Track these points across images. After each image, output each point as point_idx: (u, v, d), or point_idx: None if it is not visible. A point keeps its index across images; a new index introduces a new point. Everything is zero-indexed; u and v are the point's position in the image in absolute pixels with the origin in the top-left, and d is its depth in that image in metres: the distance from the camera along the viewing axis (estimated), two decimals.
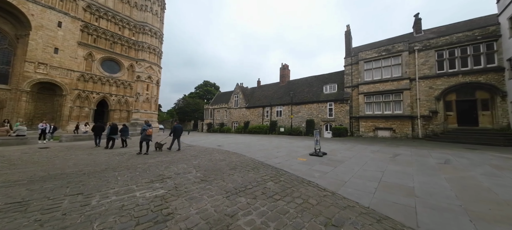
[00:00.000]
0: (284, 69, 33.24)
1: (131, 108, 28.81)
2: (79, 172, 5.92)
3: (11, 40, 22.36)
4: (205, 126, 42.12)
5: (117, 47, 27.89)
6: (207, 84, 66.27)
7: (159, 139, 12.33)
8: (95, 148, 11.38)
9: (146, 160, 7.80)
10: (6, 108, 21.72)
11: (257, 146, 11.91)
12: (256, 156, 8.64)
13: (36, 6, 21.70)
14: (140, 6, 29.74)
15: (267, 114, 30.04)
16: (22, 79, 21.24)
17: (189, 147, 12.32)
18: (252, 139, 16.78)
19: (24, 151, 9.83)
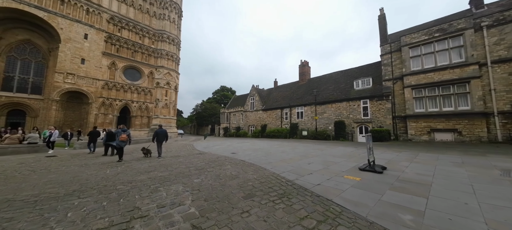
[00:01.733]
0: (303, 66, 29.67)
1: (151, 114, 28.19)
2: (34, 198, 3.95)
3: (44, 53, 23.02)
4: (221, 130, 40.47)
5: (138, 55, 27.64)
6: (223, 89, 65.44)
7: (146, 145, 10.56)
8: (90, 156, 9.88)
9: (135, 176, 5.67)
10: (40, 116, 22.15)
11: (279, 155, 9.25)
12: (280, 170, 6.03)
13: (64, 20, 22.04)
14: (159, 15, 29.41)
15: (286, 116, 26.79)
16: (53, 89, 21.48)
17: (200, 154, 10.15)
18: (271, 145, 14.12)
19: (23, 161, 8.49)
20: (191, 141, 21.14)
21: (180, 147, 14.55)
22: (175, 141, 21.45)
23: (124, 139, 8.50)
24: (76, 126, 23.76)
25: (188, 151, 11.53)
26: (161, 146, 9.46)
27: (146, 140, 19.68)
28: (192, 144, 16.90)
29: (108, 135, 9.85)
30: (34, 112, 21.98)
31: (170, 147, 14.39)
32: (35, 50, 22.47)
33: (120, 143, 8.47)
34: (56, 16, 21.52)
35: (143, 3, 28.67)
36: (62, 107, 22.61)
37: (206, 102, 59.29)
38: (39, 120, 21.88)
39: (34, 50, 22.49)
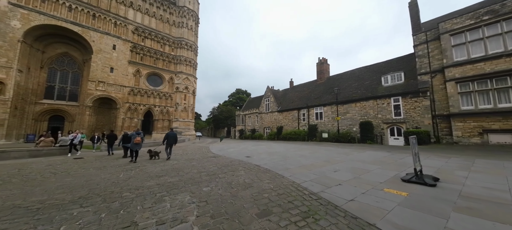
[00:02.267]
0: (321, 64, 27.68)
1: (172, 117, 29.04)
2: (39, 204, 3.70)
3: (80, 64, 25.12)
4: (237, 132, 40.20)
5: (159, 62, 28.82)
6: (239, 92, 65.66)
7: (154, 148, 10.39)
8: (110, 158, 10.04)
9: (144, 182, 5.28)
10: (76, 121, 24.08)
11: (297, 159, 8.29)
12: (300, 178, 5.14)
13: (96, 33, 23.82)
14: (178, 23, 30.45)
15: (303, 117, 25.14)
16: (86, 96, 23.24)
17: (214, 157, 9.66)
18: (288, 148, 13.11)
19: (52, 163, 8.86)
20: (207, 143, 21.07)
21: (196, 149, 14.36)
22: (193, 144, 21.58)
23: (138, 142, 8.72)
24: (107, 129, 25.39)
25: (203, 154, 11.15)
26: (171, 149, 9.50)
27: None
28: (208, 146, 16.68)
29: (123, 137, 9.95)
30: (71, 117, 23.99)
31: (187, 150, 14.27)
32: (72, 61, 24.67)
33: (135, 146, 8.66)
34: (89, 30, 23.36)
35: (164, 13, 29.96)
36: (94, 112, 24.31)
37: (222, 105, 60.03)
38: (75, 124, 23.79)
39: (71, 62, 24.69)
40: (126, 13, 26.57)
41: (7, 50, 18.23)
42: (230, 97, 65.82)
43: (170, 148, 9.42)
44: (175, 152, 12.42)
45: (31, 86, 21.33)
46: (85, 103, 23.17)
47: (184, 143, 21.70)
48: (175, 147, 17.15)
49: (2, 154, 9.37)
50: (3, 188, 4.72)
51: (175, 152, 12.85)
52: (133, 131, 9.44)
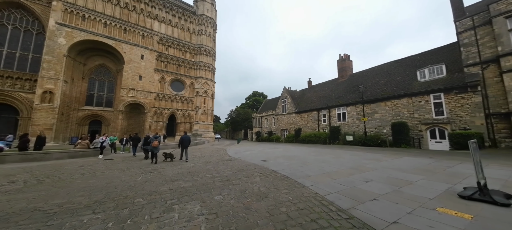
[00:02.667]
0: (343, 61, 25.62)
1: (192, 120, 30.02)
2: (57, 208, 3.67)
3: (114, 74, 27.55)
4: (254, 135, 39.76)
5: (181, 69, 30.16)
6: (255, 94, 65.50)
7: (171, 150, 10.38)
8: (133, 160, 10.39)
9: (159, 186, 5.10)
10: (111, 125, 26.33)
11: (319, 165, 7.43)
12: (325, 189, 4.41)
13: (127, 45, 25.90)
14: (197, 31, 31.59)
15: (323, 119, 23.37)
16: (119, 102, 25.30)
17: (230, 160, 9.32)
18: (308, 152, 12.15)
19: (84, 164, 9.48)
20: (225, 146, 21.05)
21: (214, 151, 14.30)
22: (212, 146, 21.78)
23: (155, 145, 9.05)
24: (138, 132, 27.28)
25: (219, 157, 10.93)
26: (186, 151, 9.65)
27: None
28: (225, 149, 16.55)
29: (145, 140, 10.30)
30: (107, 121, 26.33)
31: (205, 152, 14.29)
32: (107, 71, 27.20)
33: (153, 149, 9.04)
34: (121, 43, 25.51)
35: (185, 23, 31.39)
36: (126, 117, 26.31)
37: (240, 107, 60.51)
38: (110, 128, 26.02)
39: (107, 72, 27.23)
40: (152, 25, 28.44)
41: (55, 64, 20.76)
42: (247, 99, 66.12)
43: (186, 151, 9.56)
44: (194, 154, 12.48)
45: (75, 95, 23.99)
46: (118, 109, 25.22)
47: (204, 145, 22.04)
48: (195, 149, 17.54)
49: (46, 155, 10.40)
50: (35, 189, 4.96)
51: (194, 154, 12.93)
52: (152, 135, 9.84)
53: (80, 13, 22.93)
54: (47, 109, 20.15)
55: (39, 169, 7.82)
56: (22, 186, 5.21)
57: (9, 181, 5.76)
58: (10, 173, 6.94)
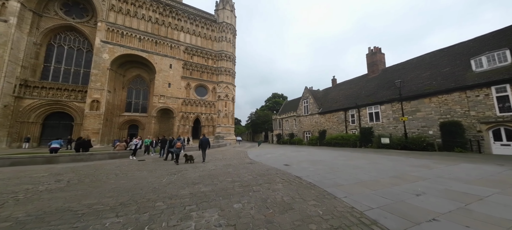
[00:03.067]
0: (373, 55, 22.86)
1: (215, 123, 30.85)
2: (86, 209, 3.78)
3: (148, 82, 30.12)
4: (274, 137, 38.70)
5: (204, 75, 31.42)
6: (275, 96, 64.37)
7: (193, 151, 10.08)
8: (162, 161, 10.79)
9: (180, 190, 4.99)
10: (145, 129, 28.72)
11: (352, 172, 6.49)
12: (363, 202, 3.67)
13: (157, 56, 28.08)
14: (218, 38, 32.61)
15: (352, 119, 21.13)
16: (152, 108, 27.49)
17: (250, 164, 8.96)
18: (335, 156, 11.00)
19: (120, 164, 10.25)
20: (246, 148, 20.89)
21: (235, 154, 14.17)
22: (233, 148, 21.87)
23: (178, 147, 9.70)
24: (167, 135, 29.23)
25: (240, 159, 10.67)
26: (205, 152, 10.27)
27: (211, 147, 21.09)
28: (246, 151, 16.31)
29: (169, 143, 10.82)
30: (142, 125, 28.83)
31: (227, 154, 14.26)
32: (142, 81, 29.90)
33: (176, 150, 9.68)
34: (153, 55, 27.79)
35: (207, 31, 32.75)
36: (158, 121, 28.41)
37: (259, 110, 60.18)
38: (145, 131, 28.40)
39: (142, 81, 29.94)
40: (178, 36, 30.36)
41: (101, 76, 23.59)
42: (267, 101, 65.54)
43: (204, 152, 10.25)
44: (216, 157, 12.52)
45: (116, 102, 26.89)
46: (151, 114, 27.41)
47: (225, 148, 22.27)
48: (217, 151, 17.79)
49: (91, 156, 11.61)
50: (74, 188, 5.34)
51: (216, 156, 12.99)
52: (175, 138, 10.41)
53: (119, 31, 25.74)
54: (95, 115, 22.94)
55: (83, 169, 8.63)
56: (65, 185, 5.68)
57: (57, 179, 6.39)
58: (60, 172, 7.77)
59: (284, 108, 41.47)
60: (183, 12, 31.05)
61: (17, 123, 20.42)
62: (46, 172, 7.81)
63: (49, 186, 5.55)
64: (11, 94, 19.85)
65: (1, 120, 18.74)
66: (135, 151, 13.17)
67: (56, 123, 23.46)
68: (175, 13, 30.40)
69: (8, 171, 7.83)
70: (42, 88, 22.21)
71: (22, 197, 4.43)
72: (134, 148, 12.41)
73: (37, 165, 9.50)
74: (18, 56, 20.45)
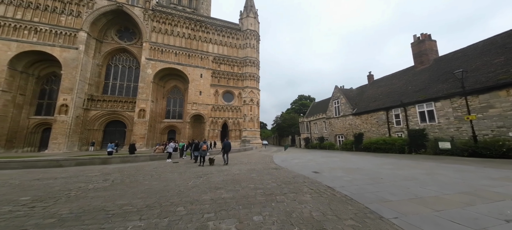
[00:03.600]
0: (421, 43, 18.93)
1: (241, 127, 31.24)
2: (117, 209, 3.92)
3: (183, 92, 32.84)
4: (302, 141, 36.51)
5: (230, 81, 32.45)
6: (301, 98, 61.40)
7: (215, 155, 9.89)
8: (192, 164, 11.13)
9: (202, 194, 4.84)
10: (181, 133, 31.18)
11: (401, 185, 5.21)
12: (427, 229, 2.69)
13: (190, 67, 30.40)
14: (243, 45, 33.36)
15: (396, 120, 17.75)
16: (186, 114, 29.74)
17: (275, 169, 8.36)
18: (377, 164, 9.33)
19: (157, 166, 11.08)
20: (272, 152, 20.23)
21: (260, 158, 13.75)
22: (259, 152, 21.51)
23: (204, 149, 10.33)
24: (199, 139, 31.08)
25: (265, 164, 10.18)
26: (227, 155, 10.73)
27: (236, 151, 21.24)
28: (271, 155, 15.69)
29: (195, 146, 11.36)
30: (179, 130, 31.40)
31: (252, 158, 13.97)
32: (178, 91, 32.81)
33: (202, 152, 10.39)
34: (186, 66, 30.24)
35: (232, 40, 33.94)
36: (191, 126, 30.52)
37: (285, 113, 58.31)
38: (181, 135, 30.82)
39: (178, 91, 32.85)
40: (207, 48, 32.31)
41: (146, 89, 26.81)
42: (293, 104, 63.23)
43: (227, 155, 10.69)
44: (241, 160, 12.36)
45: (158, 111, 30.08)
46: (185, 120, 29.65)
47: (251, 151, 22.09)
48: (243, 155, 17.70)
49: (136, 158, 12.99)
50: (114, 188, 5.80)
51: (241, 159, 12.84)
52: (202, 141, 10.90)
53: (160, 48, 28.97)
54: (141, 123, 26.08)
55: (128, 169, 9.57)
56: (109, 185, 6.24)
57: (104, 179, 7.14)
58: (109, 172, 8.76)
59: (312, 110, 39.14)
60: (211, 25, 33.02)
61: (85, 130, 24.92)
62: (99, 172, 8.93)
63: (97, 185, 6.20)
64: (82, 106, 24.41)
65: (74, 128, 23.15)
66: (170, 153, 14.14)
67: (113, 129, 27.65)
68: (204, 27, 32.57)
69: (73, 170, 9.28)
70: (103, 101, 26.61)
71: (73, 195, 4.97)
72: (170, 151, 13.32)
73: (94, 165, 11.07)
74: (86, 76, 25.12)
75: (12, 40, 21.92)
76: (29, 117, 23.75)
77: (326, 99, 35.10)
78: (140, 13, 28.42)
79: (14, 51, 21.66)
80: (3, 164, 8.98)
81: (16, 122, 22.55)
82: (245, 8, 35.75)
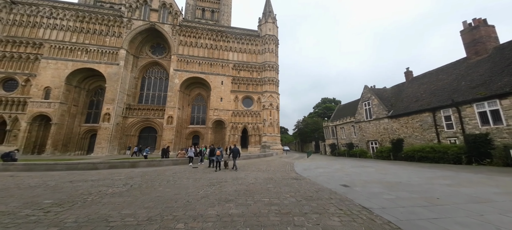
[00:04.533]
0: (475, 30, 15.54)
1: (261, 132, 30.55)
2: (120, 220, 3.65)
3: (205, 99, 34.13)
4: (327, 147, 33.53)
5: (250, 87, 32.40)
6: (325, 101, 57.41)
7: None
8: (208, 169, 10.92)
9: (209, 208, 4.31)
10: (204, 138, 32.15)
11: (473, 211, 3.82)
12: None
13: (212, 75, 31.49)
14: (262, 50, 33.19)
15: (447, 123, 14.56)
16: (208, 120, 30.64)
17: (295, 180, 7.39)
18: (428, 177, 7.50)
19: (177, 171, 11.18)
20: (293, 159, 18.91)
21: (280, 165, 12.78)
22: (280, 158, 20.38)
23: (218, 155, 10.54)
24: (220, 144, 31.56)
25: (285, 173, 9.24)
26: (235, 161, 10.88)
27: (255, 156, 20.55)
28: (293, 163, 14.53)
29: (210, 151, 11.21)
30: (202, 135, 32.48)
31: (271, 165, 13.09)
32: (201, 98, 34.26)
33: (217, 157, 10.59)
34: (208, 75, 31.44)
35: (251, 47, 34.14)
36: (213, 131, 31.24)
37: (308, 117, 55.20)
38: (204, 140, 31.79)
39: (201, 98, 34.30)
40: (228, 56, 33.14)
41: (173, 97, 28.64)
42: (315, 108, 59.68)
43: (235, 160, 10.85)
44: (259, 167, 11.64)
45: (184, 117, 31.75)
46: (208, 125, 30.51)
47: (272, 157, 21.10)
48: (262, 161, 16.93)
49: (160, 162, 13.51)
50: (128, 194, 5.75)
51: (260, 166, 12.11)
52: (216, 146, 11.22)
53: (185, 60, 30.88)
54: (170, 128, 27.77)
55: (150, 174, 9.80)
56: (126, 190, 6.26)
57: (125, 183, 7.29)
58: (133, 176, 9.06)
59: (338, 113, 36.06)
60: (231, 34, 33.92)
61: (124, 136, 27.73)
62: (125, 175, 9.32)
63: (116, 189, 6.27)
64: (121, 115, 27.34)
65: (114, 134, 25.95)
66: (191, 158, 14.31)
67: (147, 135, 30.14)
68: (225, 37, 33.63)
69: (105, 173, 9.93)
70: (138, 110, 29.38)
71: (90, 200, 5.00)
72: (191, 156, 13.47)
73: (124, 168, 11.78)
74: (125, 88, 28.20)
75: (69, 60, 26.19)
76: (80, 124, 27.69)
77: (354, 101, 31.92)
78: (169, 29, 31.00)
79: (70, 69, 25.78)
80: (51, 166, 10.20)
81: (70, 129, 26.52)
82: (264, 14, 35.81)
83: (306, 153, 32.87)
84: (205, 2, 44.13)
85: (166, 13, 31.93)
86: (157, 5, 31.73)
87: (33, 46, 26.62)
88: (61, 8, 28.18)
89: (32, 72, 25.87)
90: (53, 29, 27.35)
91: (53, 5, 28.01)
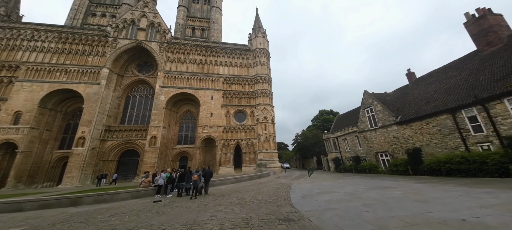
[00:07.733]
0: (482, 19, 13.91)
1: (256, 149, 27.48)
2: None
3: (195, 116, 31.55)
4: (330, 162, 30.01)
5: (242, 100, 30.20)
6: (323, 113, 54.91)
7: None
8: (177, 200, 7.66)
9: None
10: (192, 159, 28.80)
11: None
12: None
13: (201, 91, 29.46)
14: (253, 64, 31.82)
15: (473, 125, 11.91)
16: (197, 139, 27.66)
17: (287, 222, 4.44)
18: (497, 205, 4.71)
19: (130, 208, 8.09)
20: (291, 179, 15.65)
21: (272, 191, 9.67)
22: (276, 179, 17.08)
23: (195, 179, 9.34)
24: (211, 164, 28.14)
25: (274, 205, 6.27)
26: (208, 184, 10.04)
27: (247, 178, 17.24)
28: (290, 185, 11.41)
29: (179, 177, 8.91)
30: (191, 156, 29.18)
31: (262, 190, 9.99)
32: (191, 115, 31.75)
33: (194, 183, 9.42)
34: (197, 90, 29.43)
35: (243, 61, 32.85)
36: (202, 151, 28.05)
37: (307, 130, 52.18)
38: (192, 162, 28.41)
39: (191, 115, 31.79)
40: (218, 70, 31.58)
41: (158, 115, 26.11)
42: (314, 120, 57.01)
43: (207, 184, 10.07)
44: (243, 196, 8.58)
45: (170, 137, 28.79)
46: (196, 144, 27.45)
47: (267, 179, 17.75)
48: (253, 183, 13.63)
49: (114, 195, 10.36)
50: None
51: (244, 194, 9.04)
52: (194, 170, 10.62)
53: (173, 76, 29.13)
54: (152, 150, 24.68)
55: (76, 217, 6.71)
56: None
57: None
58: (54, 221, 5.97)
59: (338, 123, 33.35)
60: (221, 49, 32.86)
61: (100, 162, 24.44)
62: (50, 218, 6.23)
63: None
64: (98, 138, 24.43)
65: (88, 160, 22.76)
66: (160, 187, 11.17)
67: (127, 159, 26.86)
68: (215, 52, 32.49)
69: (33, 214, 6.82)
70: (119, 131, 26.58)
71: None
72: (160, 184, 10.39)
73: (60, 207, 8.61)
74: (105, 108, 25.78)
75: (45, 81, 24.20)
76: (52, 151, 24.56)
77: (353, 109, 29.50)
78: (156, 47, 29.82)
79: (46, 91, 23.61)
80: None
81: (39, 157, 23.33)
82: (254, 29, 35.37)
83: (307, 170, 29.28)
84: (195, 21, 44.35)
85: (154, 32, 31.13)
86: (145, 24, 31.08)
87: (8, 69, 24.85)
88: (44, 30, 27.15)
89: (3, 96, 23.63)
90: (32, 51, 25.90)
91: (35, 28, 27.02)
